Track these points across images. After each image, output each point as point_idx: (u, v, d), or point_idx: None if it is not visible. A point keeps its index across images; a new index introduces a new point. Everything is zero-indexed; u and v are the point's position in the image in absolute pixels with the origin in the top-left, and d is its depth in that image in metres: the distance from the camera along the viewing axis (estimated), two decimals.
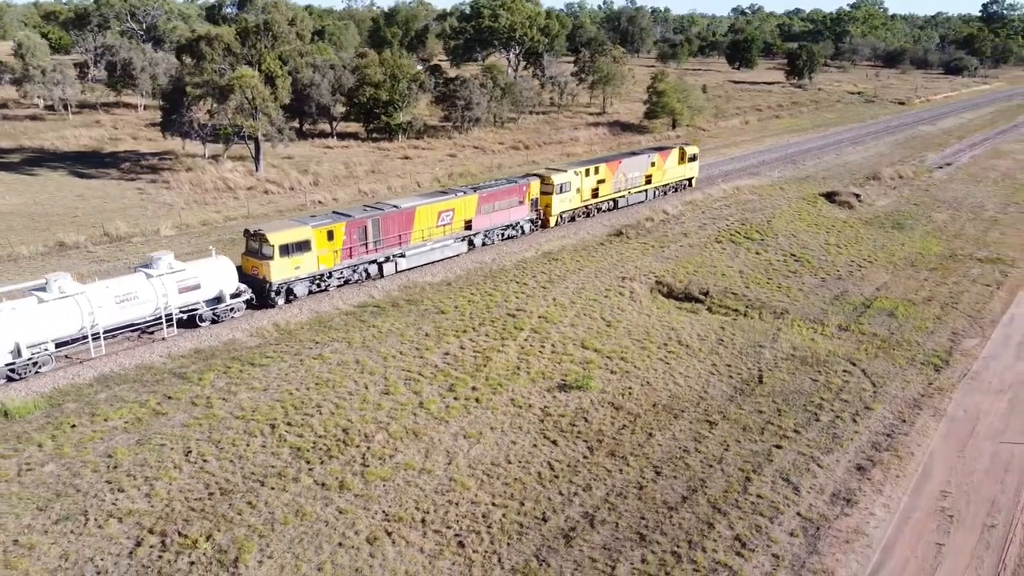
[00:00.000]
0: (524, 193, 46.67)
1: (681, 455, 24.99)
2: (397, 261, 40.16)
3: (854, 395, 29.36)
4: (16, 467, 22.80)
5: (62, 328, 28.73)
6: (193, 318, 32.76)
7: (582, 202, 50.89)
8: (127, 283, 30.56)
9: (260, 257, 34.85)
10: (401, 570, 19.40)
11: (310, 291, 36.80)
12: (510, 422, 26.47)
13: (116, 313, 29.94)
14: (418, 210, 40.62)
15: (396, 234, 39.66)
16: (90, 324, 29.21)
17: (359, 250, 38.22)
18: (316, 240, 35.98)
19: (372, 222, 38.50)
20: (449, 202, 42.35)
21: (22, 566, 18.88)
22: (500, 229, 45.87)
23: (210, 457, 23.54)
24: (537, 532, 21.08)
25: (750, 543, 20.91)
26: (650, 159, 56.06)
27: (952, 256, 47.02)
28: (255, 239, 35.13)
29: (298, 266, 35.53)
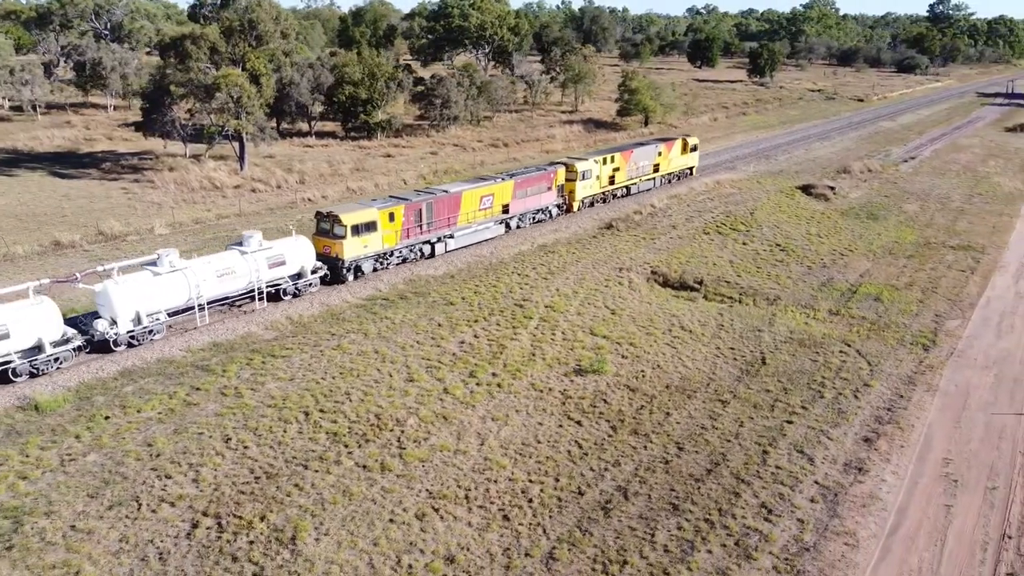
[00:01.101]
0: (552, 180, 50.08)
1: (700, 432, 26.23)
2: (447, 241, 43.20)
3: (852, 374, 30.95)
4: (58, 458, 23.13)
5: (173, 299, 31.58)
6: (277, 292, 35.46)
7: (601, 189, 54.62)
8: (226, 259, 33.47)
9: (332, 237, 37.65)
10: (453, 543, 20.27)
11: (374, 268, 39.78)
12: (533, 405, 27.46)
13: (216, 286, 32.81)
14: (464, 194, 43.57)
15: (446, 216, 42.62)
16: (196, 296, 32.00)
17: (415, 231, 41.13)
18: (381, 221, 38.91)
19: (426, 205, 41.39)
20: (490, 187, 45.45)
21: (84, 550, 19.33)
22: (532, 213, 49.30)
23: (250, 444, 24.11)
24: (575, 505, 22.12)
25: (776, 509, 22.20)
26: (657, 149, 59.91)
27: (926, 244, 49.23)
28: (327, 220, 37.94)
29: (366, 245, 38.54)
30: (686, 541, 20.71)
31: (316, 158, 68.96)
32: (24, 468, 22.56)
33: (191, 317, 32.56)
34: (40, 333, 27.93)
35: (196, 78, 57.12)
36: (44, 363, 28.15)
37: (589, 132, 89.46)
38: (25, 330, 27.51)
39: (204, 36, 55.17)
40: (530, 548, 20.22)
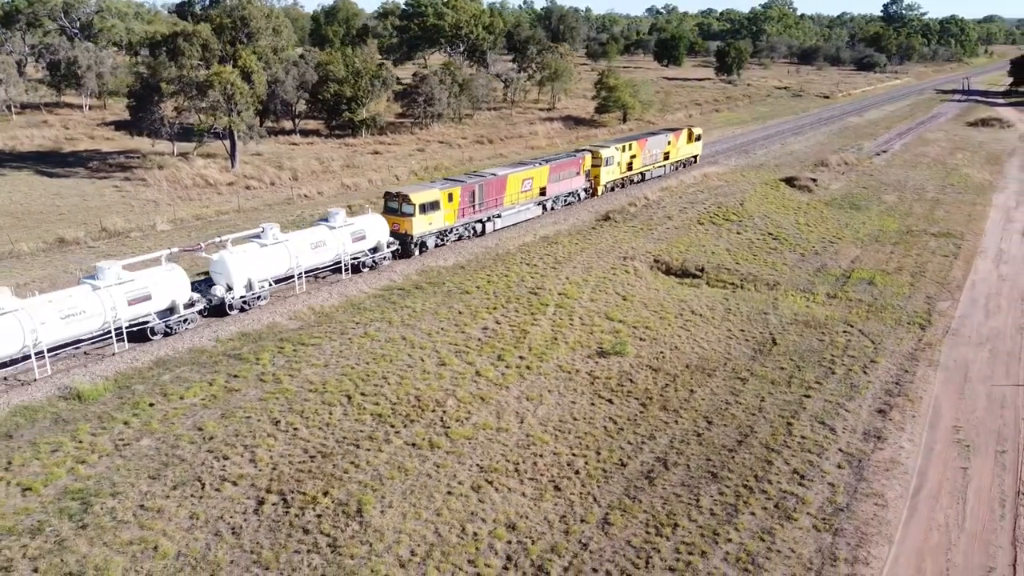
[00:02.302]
0: (580, 165, 53.76)
1: (724, 407, 27.50)
2: (495, 221, 46.71)
3: (859, 351, 32.53)
4: (111, 443, 23.55)
5: (277, 268, 34.88)
6: (357, 265, 38.86)
7: (621, 174, 58.52)
8: (318, 233, 36.70)
9: (401, 215, 40.86)
10: (511, 511, 21.22)
11: (436, 244, 43.25)
12: (563, 385, 28.49)
13: (311, 257, 36.23)
14: (509, 177, 47.07)
15: (495, 197, 46.10)
16: (295, 266, 35.41)
17: (469, 210, 44.42)
18: (443, 201, 42.18)
19: (478, 187, 44.65)
20: (529, 171, 48.92)
21: (157, 527, 19.89)
22: (564, 196, 52.92)
23: (299, 426, 24.76)
24: (620, 475, 23.20)
25: (807, 475, 23.53)
26: (667, 138, 64.13)
27: (909, 232, 51.34)
28: (395, 199, 41.22)
29: (430, 222, 41.82)
30: (729, 505, 21.91)
31: (304, 155, 69.16)
32: (80, 453, 22.95)
33: (288, 286, 36.12)
34: (173, 296, 31.17)
35: (188, 75, 57.04)
36: (176, 323, 31.31)
37: (569, 129, 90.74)
38: (162, 293, 30.71)
39: (197, 33, 55.12)
40: (584, 515, 21.25)
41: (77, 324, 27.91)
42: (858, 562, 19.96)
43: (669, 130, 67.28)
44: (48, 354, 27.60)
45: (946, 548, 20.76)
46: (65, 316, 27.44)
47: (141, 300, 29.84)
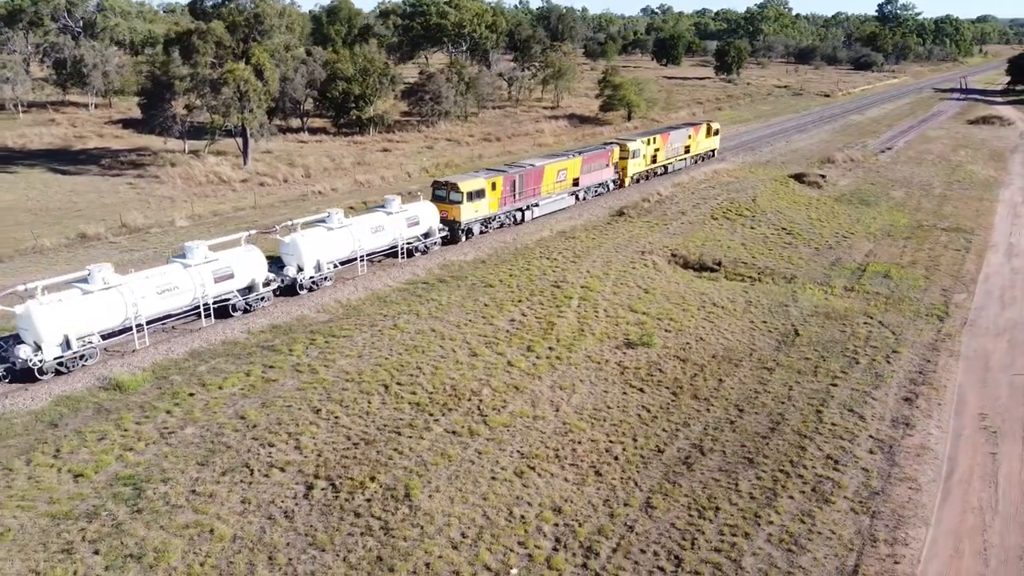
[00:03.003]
0: (609, 157, 55.87)
1: (754, 396, 27.94)
2: (533, 209, 48.61)
3: (881, 342, 33.02)
4: (156, 431, 23.88)
5: (342, 251, 37.14)
6: (411, 250, 40.97)
7: (646, 166, 60.64)
8: (376, 219, 39.22)
9: (449, 202, 42.74)
10: (556, 495, 21.62)
11: (481, 231, 45.27)
12: (594, 375, 28.90)
13: (371, 241, 38.62)
14: (546, 168, 48.96)
15: (533, 187, 48.00)
16: (358, 248, 37.83)
17: (510, 199, 46.32)
18: (487, 189, 44.04)
19: (519, 176, 46.61)
20: (564, 162, 50.89)
21: (211, 511, 20.23)
22: (594, 186, 54.95)
23: (340, 414, 25.12)
24: (658, 461, 23.62)
25: (841, 460, 23.98)
26: (687, 132, 66.18)
27: (919, 227, 51.91)
28: (444, 188, 43.11)
29: (477, 210, 43.87)
30: (768, 489, 22.34)
31: (314, 153, 69.43)
32: (127, 441, 23.27)
33: (344, 268, 38.07)
34: (253, 275, 33.00)
35: (202, 73, 57.27)
36: (254, 301, 33.12)
37: (575, 127, 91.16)
38: (243, 272, 32.57)
39: (211, 31, 55.36)
40: (627, 499, 21.66)
41: (171, 299, 30.12)
42: (897, 543, 20.40)
43: (689, 124, 69.82)
44: (147, 327, 29.80)
45: (982, 530, 21.22)
46: (161, 291, 29.62)
47: (225, 278, 31.89)
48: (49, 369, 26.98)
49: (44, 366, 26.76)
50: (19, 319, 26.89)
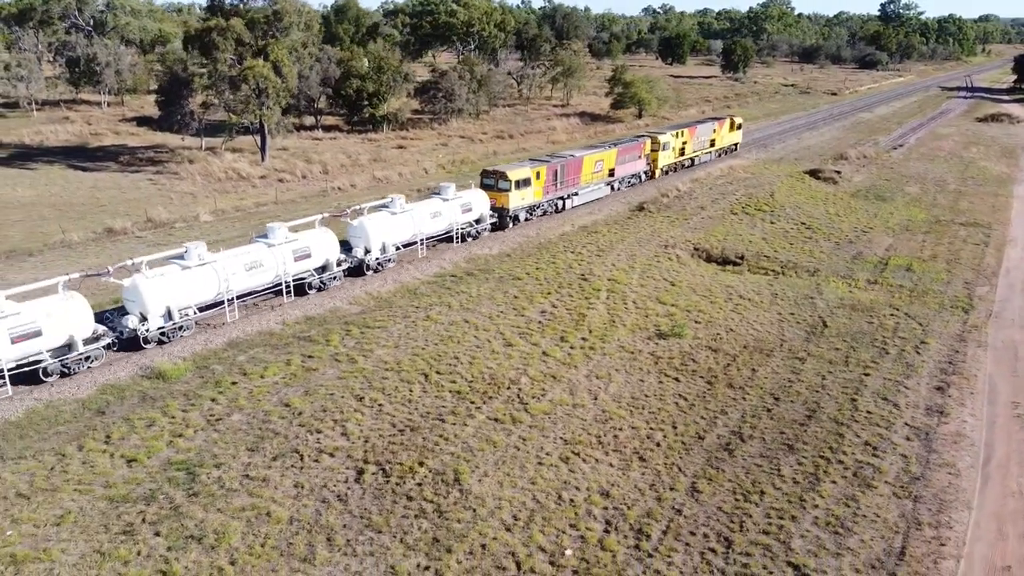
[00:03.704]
0: (642, 149, 58.06)
1: (788, 385, 28.23)
2: (572, 199, 50.50)
3: (908, 333, 33.30)
4: (203, 419, 24.19)
5: (404, 234, 39.19)
6: (464, 235, 43.02)
7: (675, 159, 62.84)
8: (434, 205, 41.13)
9: (498, 190, 44.73)
10: (602, 480, 21.92)
11: (526, 218, 47.32)
12: (629, 365, 29.19)
13: (430, 225, 40.79)
14: (585, 159, 50.86)
15: (573, 177, 49.84)
16: (419, 232, 39.99)
17: (552, 188, 48.33)
18: (533, 178, 46.01)
19: (560, 166, 48.61)
20: (601, 154, 52.92)
21: (266, 494, 20.53)
22: (628, 177, 57.07)
23: (383, 402, 25.42)
24: (700, 447, 23.91)
25: (879, 447, 24.27)
26: (712, 126, 68.63)
27: (937, 222, 52.18)
28: (492, 176, 45.13)
29: (523, 197, 45.86)
30: (810, 474, 22.63)
31: (330, 150, 69.72)
32: (175, 428, 23.59)
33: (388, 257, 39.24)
34: (327, 255, 35.28)
35: (221, 69, 57.57)
36: (328, 279, 35.38)
37: (586, 124, 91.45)
38: (318, 252, 34.87)
39: (231, 27, 55.66)
40: (672, 483, 21.96)
41: (257, 276, 32.14)
42: (941, 526, 20.69)
43: (714, 119, 72.32)
44: (237, 301, 31.91)
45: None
46: (249, 268, 31.63)
47: (303, 257, 33.98)
48: (153, 338, 29.00)
49: (149, 335, 28.77)
50: (126, 291, 28.91)
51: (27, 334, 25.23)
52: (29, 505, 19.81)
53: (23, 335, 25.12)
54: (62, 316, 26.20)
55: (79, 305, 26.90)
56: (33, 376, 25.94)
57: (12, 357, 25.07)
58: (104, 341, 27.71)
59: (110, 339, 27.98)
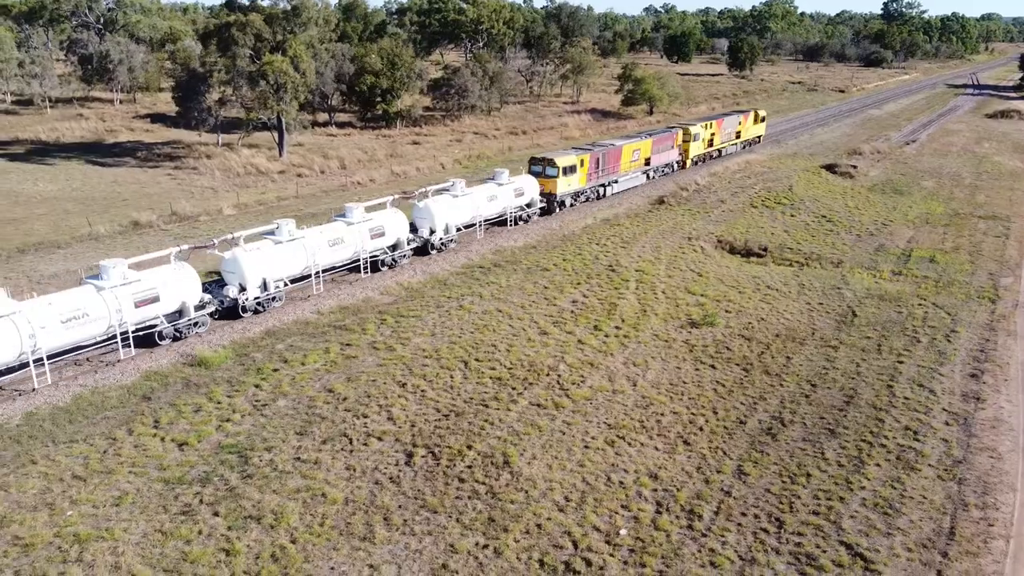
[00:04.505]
0: (674, 140, 60.06)
1: (823, 372, 28.40)
2: (612, 185, 52.63)
3: (938, 322, 33.47)
4: (248, 404, 24.39)
5: (464, 216, 41.56)
6: (517, 219, 45.35)
7: (704, 149, 64.93)
8: (491, 189, 43.39)
9: (546, 177, 46.75)
10: (649, 463, 22.10)
11: (571, 203, 49.28)
12: (664, 353, 29.38)
13: (487, 209, 42.87)
14: (624, 148, 53.05)
15: (613, 165, 51.94)
16: (477, 215, 42.38)
17: (595, 175, 50.33)
18: (578, 165, 47.99)
19: (602, 155, 50.66)
20: (638, 143, 55.03)
21: (319, 476, 20.73)
22: (662, 167, 59.06)
23: (425, 388, 25.62)
24: (742, 432, 24.09)
25: (919, 432, 24.44)
26: (738, 119, 70.86)
27: (956, 215, 52.36)
28: (540, 164, 47.29)
29: (569, 184, 47.95)
30: (854, 457, 22.81)
31: (345, 146, 69.91)
32: (222, 413, 23.79)
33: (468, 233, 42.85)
34: (399, 234, 37.49)
35: (240, 65, 57.77)
36: (399, 257, 37.57)
37: (598, 121, 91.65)
38: (392, 231, 36.90)
39: (250, 23, 55.85)
40: (719, 466, 22.14)
41: (339, 251, 34.58)
42: (988, 507, 20.85)
43: (739, 112, 74.70)
44: (323, 274, 34.65)
45: None
46: (332, 244, 34.05)
47: (378, 236, 36.12)
48: (251, 307, 31.08)
49: (247, 304, 30.82)
50: (225, 263, 31.00)
51: (147, 299, 27.45)
52: (86, 487, 20.01)
53: (144, 300, 27.34)
54: (176, 284, 28.39)
55: (190, 274, 29.10)
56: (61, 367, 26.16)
57: (134, 320, 27.23)
58: (209, 309, 29.90)
59: (215, 307, 30.13)
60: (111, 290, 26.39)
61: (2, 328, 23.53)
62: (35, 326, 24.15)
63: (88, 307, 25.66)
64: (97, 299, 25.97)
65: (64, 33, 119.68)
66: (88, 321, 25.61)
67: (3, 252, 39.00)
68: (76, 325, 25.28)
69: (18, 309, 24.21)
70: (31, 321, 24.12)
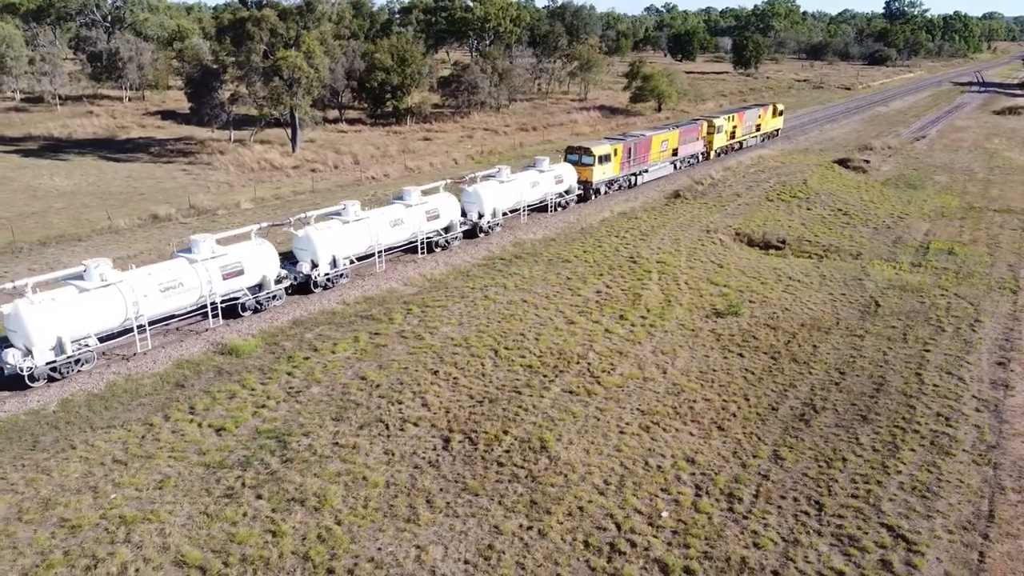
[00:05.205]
0: (699, 132, 61.45)
1: (851, 360, 28.46)
2: (643, 175, 54.19)
3: (961, 311, 33.52)
4: (282, 391, 24.46)
5: (509, 201, 43.41)
6: (555, 205, 47.08)
7: (727, 141, 66.28)
8: (532, 176, 45.17)
9: (582, 165, 48.36)
10: (685, 448, 22.17)
11: (605, 191, 51.09)
12: (691, 341, 29.44)
13: (530, 194, 44.91)
14: (653, 138, 54.61)
15: (643, 155, 53.43)
16: (521, 200, 44.08)
17: (626, 165, 51.86)
18: (612, 154, 49.78)
19: (634, 145, 52.17)
20: (666, 135, 56.57)
21: (358, 460, 20.80)
22: (689, 157, 60.43)
23: (457, 375, 25.69)
24: (775, 418, 24.16)
25: (951, 418, 24.50)
26: (758, 112, 72.59)
27: (971, 208, 52.40)
28: (576, 152, 49.03)
29: (604, 172, 49.71)
30: (888, 442, 22.87)
31: (357, 142, 69.97)
32: (256, 399, 23.87)
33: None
34: (451, 217, 39.58)
35: (255, 60, 57.84)
36: (452, 239, 39.71)
37: (607, 117, 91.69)
38: (446, 214, 39.13)
39: (265, 18, 55.93)
40: (754, 451, 22.20)
41: (399, 232, 36.57)
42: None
43: (759, 105, 76.12)
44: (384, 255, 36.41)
45: None
46: (393, 225, 36.00)
47: (433, 218, 38.13)
48: (321, 283, 32.91)
49: (319, 280, 32.70)
50: (298, 240, 32.71)
51: (234, 272, 29.28)
52: (127, 470, 20.08)
53: (231, 273, 29.16)
54: (257, 259, 30.28)
55: (269, 250, 30.94)
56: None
57: (222, 292, 29.04)
58: (286, 283, 31.63)
59: (291, 281, 31.87)
60: (202, 262, 28.28)
61: (109, 295, 25.47)
62: (138, 294, 26.09)
63: (183, 277, 27.58)
64: (190, 270, 27.88)
65: (71, 31, 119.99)
66: (183, 291, 27.56)
67: (25, 245, 39.09)
68: (172, 294, 27.23)
69: (122, 278, 26.08)
70: (134, 289, 26.03)
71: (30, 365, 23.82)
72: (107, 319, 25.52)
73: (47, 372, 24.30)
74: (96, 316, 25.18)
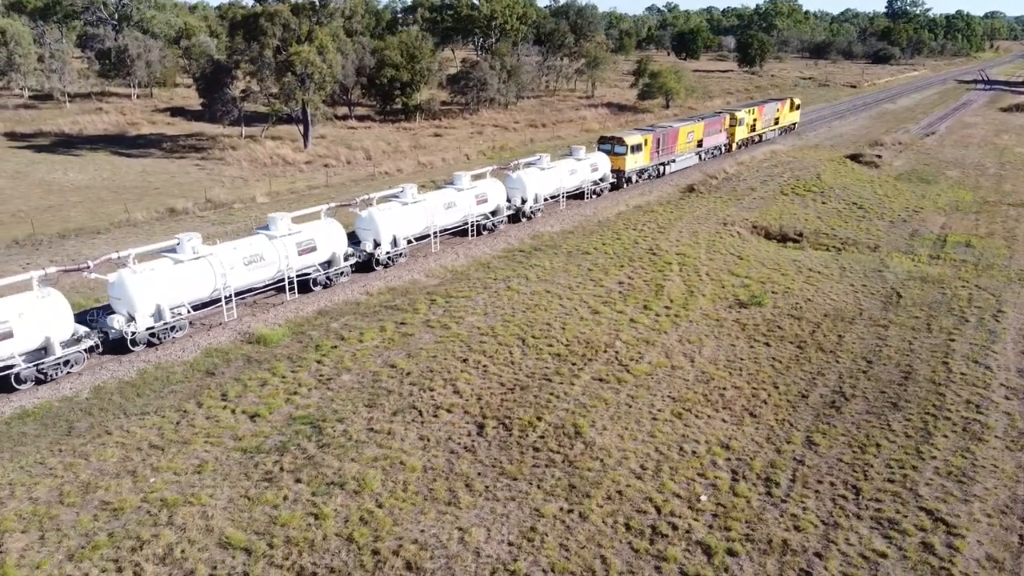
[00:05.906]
0: (722, 124, 63.49)
1: (877, 349, 28.47)
2: (670, 165, 55.71)
3: (983, 302, 33.53)
4: (313, 378, 24.49)
5: (551, 188, 45.12)
6: (588, 192, 48.81)
7: (748, 134, 68.40)
8: (570, 164, 46.88)
9: (615, 154, 50.15)
10: (719, 433, 22.18)
11: (636, 180, 52.57)
12: (716, 331, 29.45)
13: (569, 181, 46.66)
14: (680, 130, 56.02)
15: (670, 145, 54.94)
16: (560, 187, 46.01)
17: (655, 155, 53.42)
18: (643, 144, 51.34)
19: (662, 135, 53.83)
20: (692, 126, 58.28)
21: (394, 446, 20.82)
22: (712, 149, 62.29)
23: (487, 363, 25.71)
24: (806, 405, 24.17)
25: (982, 405, 24.50)
26: (776, 106, 74.56)
27: (985, 202, 52.41)
28: (609, 142, 50.95)
29: (636, 161, 51.34)
30: (921, 429, 22.88)
31: (368, 138, 70.04)
32: (288, 386, 23.90)
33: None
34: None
35: (267, 56, 57.88)
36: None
37: (615, 114, 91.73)
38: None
39: (279, 13, 55.98)
40: (788, 437, 22.22)
41: (452, 214, 38.41)
42: None
43: (777, 100, 78.47)
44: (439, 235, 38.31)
45: None
46: (447, 207, 37.98)
47: (482, 202, 40.16)
48: (383, 262, 34.88)
49: (380, 258, 34.60)
50: (360, 220, 34.95)
51: (307, 249, 31.14)
52: (165, 455, 20.12)
53: (305, 249, 31.00)
54: (328, 236, 32.09)
55: (338, 229, 32.68)
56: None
57: (297, 267, 30.84)
58: (352, 260, 33.53)
59: (356, 259, 33.73)
60: (280, 239, 30.12)
61: (200, 267, 27.35)
62: (226, 266, 27.95)
63: (263, 252, 29.45)
64: (270, 246, 29.76)
65: (77, 29, 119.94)
66: (263, 265, 29.45)
67: (44, 238, 39.13)
68: (255, 267, 29.12)
69: (212, 251, 27.90)
70: (222, 262, 27.87)
71: (133, 330, 25.73)
72: (199, 289, 27.43)
73: (147, 337, 26.23)
74: (190, 286, 27.11)
